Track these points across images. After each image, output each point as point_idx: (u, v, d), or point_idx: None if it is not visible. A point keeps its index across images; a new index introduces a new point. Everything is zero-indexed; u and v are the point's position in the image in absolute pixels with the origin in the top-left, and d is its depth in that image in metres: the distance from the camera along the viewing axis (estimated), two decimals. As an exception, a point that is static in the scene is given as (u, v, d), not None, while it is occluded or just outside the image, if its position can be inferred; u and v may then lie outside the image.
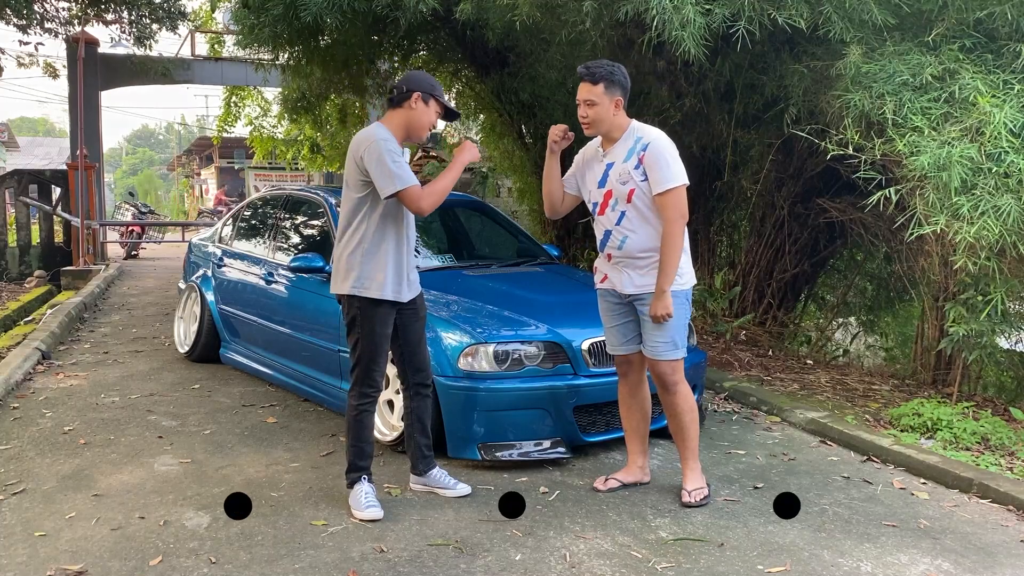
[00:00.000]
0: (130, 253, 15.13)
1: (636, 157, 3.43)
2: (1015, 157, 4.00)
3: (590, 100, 3.45)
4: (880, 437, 4.36)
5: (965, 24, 4.45)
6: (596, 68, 3.47)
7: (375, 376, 3.40)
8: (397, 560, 2.96)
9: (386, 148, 3.26)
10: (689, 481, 3.60)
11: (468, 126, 12.32)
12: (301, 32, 7.34)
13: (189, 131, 47.01)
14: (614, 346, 3.68)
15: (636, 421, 3.73)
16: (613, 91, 3.44)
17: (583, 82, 3.47)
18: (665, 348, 3.48)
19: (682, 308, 3.48)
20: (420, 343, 3.56)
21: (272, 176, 26.73)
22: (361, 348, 3.37)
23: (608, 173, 3.51)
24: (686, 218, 3.43)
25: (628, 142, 3.48)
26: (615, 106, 3.45)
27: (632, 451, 3.77)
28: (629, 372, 3.69)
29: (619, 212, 3.49)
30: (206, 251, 6.35)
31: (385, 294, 3.34)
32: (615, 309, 3.63)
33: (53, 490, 3.59)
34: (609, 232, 3.54)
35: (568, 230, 9.00)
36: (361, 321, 3.35)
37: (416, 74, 3.49)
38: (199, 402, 5.03)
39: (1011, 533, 3.36)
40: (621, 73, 3.47)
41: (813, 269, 7.16)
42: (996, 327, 4.43)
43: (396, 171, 3.24)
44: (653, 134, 3.47)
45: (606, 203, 3.53)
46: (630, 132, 3.50)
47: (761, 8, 4.48)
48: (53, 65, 13.25)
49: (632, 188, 3.43)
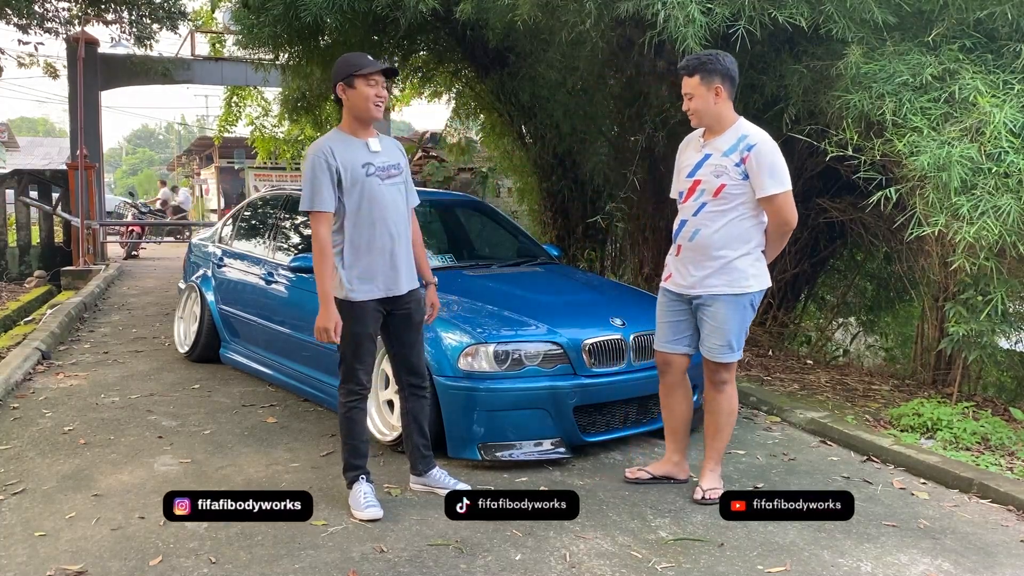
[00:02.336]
0: (130, 253, 15.13)
1: (739, 155, 3.39)
2: (1015, 157, 4.00)
3: (688, 93, 3.46)
4: (880, 437, 4.36)
5: (965, 24, 4.45)
6: (690, 60, 3.47)
7: (359, 374, 3.39)
8: (397, 560, 2.96)
9: (310, 165, 3.26)
10: (707, 480, 3.60)
11: (468, 126, 12.31)
12: (301, 32, 7.34)
13: (189, 131, 47.03)
14: (660, 342, 3.68)
15: (675, 420, 3.74)
16: (711, 80, 3.40)
17: (682, 77, 3.48)
18: (721, 350, 3.48)
19: (744, 312, 3.47)
20: (414, 345, 3.51)
21: (272, 176, 26.70)
22: (342, 347, 3.37)
23: (703, 163, 3.48)
24: (791, 225, 3.43)
25: (731, 138, 3.44)
26: (715, 95, 3.41)
27: (670, 447, 3.78)
28: (667, 372, 3.69)
29: (700, 203, 3.47)
30: (206, 251, 6.34)
31: (349, 296, 3.32)
32: (672, 306, 3.62)
33: (53, 490, 3.59)
34: (685, 222, 3.53)
35: (568, 230, 9.00)
36: (342, 320, 3.33)
37: (336, 64, 3.38)
38: (199, 402, 5.03)
39: (1011, 533, 3.36)
40: (718, 61, 3.42)
41: (813, 269, 7.16)
42: (996, 327, 4.43)
43: (308, 191, 3.25)
44: (761, 136, 3.42)
45: (691, 192, 3.50)
46: (736, 128, 3.45)
47: (761, 7, 4.48)
48: (53, 65, 13.26)
49: (724, 183, 3.40)
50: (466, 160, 13.71)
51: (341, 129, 3.39)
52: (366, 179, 3.31)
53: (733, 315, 3.44)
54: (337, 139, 3.35)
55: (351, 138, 3.35)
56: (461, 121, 11.69)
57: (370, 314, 3.36)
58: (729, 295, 3.44)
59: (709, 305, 3.47)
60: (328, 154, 3.27)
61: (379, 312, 3.39)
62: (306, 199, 3.27)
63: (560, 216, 9.08)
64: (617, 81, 7.08)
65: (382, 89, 3.33)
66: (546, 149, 8.69)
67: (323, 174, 3.25)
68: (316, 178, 3.25)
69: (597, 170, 7.62)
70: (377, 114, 3.33)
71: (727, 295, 3.44)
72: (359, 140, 3.36)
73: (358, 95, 3.30)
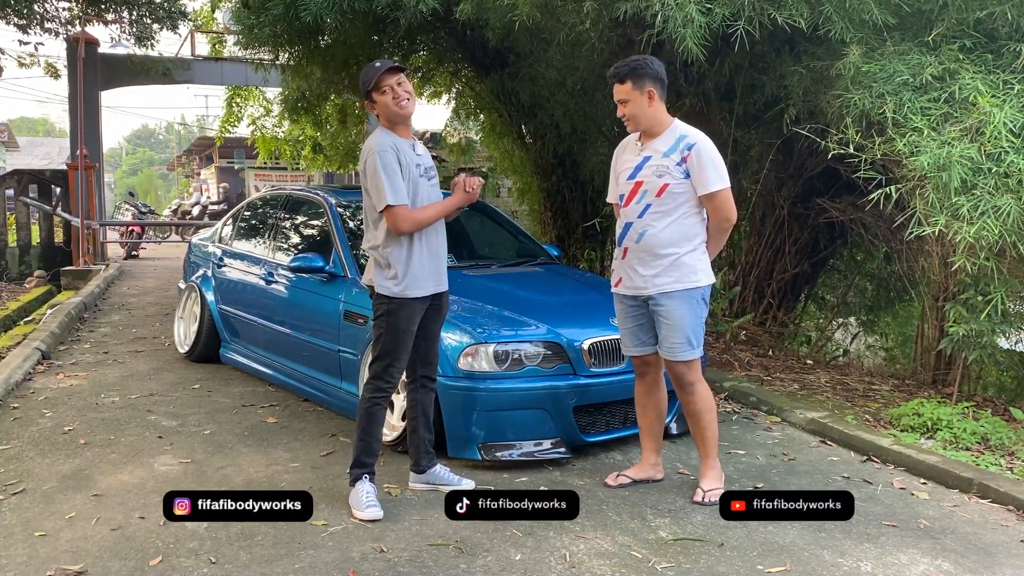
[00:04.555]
0: (130, 253, 15.13)
1: (679, 154, 3.43)
2: (1015, 157, 4.00)
3: (622, 99, 3.48)
4: (880, 437, 4.36)
5: (965, 24, 4.45)
6: (620, 66, 3.48)
7: (394, 372, 3.42)
8: (397, 560, 2.96)
9: (382, 161, 3.28)
10: (706, 480, 3.60)
11: (468, 126, 12.32)
12: (301, 32, 7.34)
13: (189, 131, 47.02)
14: (629, 348, 3.69)
15: (650, 420, 3.75)
16: (642, 84, 3.43)
17: (613, 84, 3.49)
18: (680, 348, 3.48)
19: (697, 307, 3.49)
20: (436, 338, 3.59)
21: (272, 176, 26.72)
22: (384, 343, 3.38)
23: (643, 165, 3.50)
24: (732, 220, 3.50)
25: (670, 139, 3.47)
26: (648, 98, 3.44)
27: (645, 448, 3.78)
28: (646, 372, 3.70)
29: (644, 205, 3.49)
30: (206, 251, 6.34)
31: (414, 292, 3.36)
32: (629, 311, 3.63)
33: (53, 490, 3.59)
34: (630, 224, 3.54)
35: (568, 230, 9.00)
36: (388, 317, 3.36)
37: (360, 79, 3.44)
38: (199, 402, 5.03)
39: (1011, 533, 3.36)
40: (648, 65, 3.45)
41: (813, 269, 7.16)
42: (996, 327, 4.43)
43: (388, 186, 3.27)
44: (699, 135, 3.48)
45: (633, 195, 3.53)
46: (673, 129, 3.50)
47: (761, 7, 4.48)
48: (54, 65, 13.24)
49: (667, 183, 3.43)
50: (466, 160, 13.72)
51: (388, 130, 3.42)
52: (419, 179, 3.40)
53: (687, 311, 3.47)
54: (393, 138, 3.39)
55: (399, 139, 3.40)
56: (461, 121, 11.71)
57: (418, 311, 3.41)
58: (680, 291, 3.46)
59: (662, 304, 3.48)
60: (396, 150, 3.33)
61: (424, 308, 3.43)
62: (387, 193, 3.27)
63: (560, 216, 9.09)
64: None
65: (397, 86, 3.38)
66: (546, 149, 8.69)
67: (396, 168, 3.30)
68: (393, 172, 3.29)
69: (597, 170, 7.62)
70: (408, 109, 3.41)
71: (678, 291, 3.46)
72: (406, 141, 3.43)
73: (382, 105, 3.39)
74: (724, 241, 3.64)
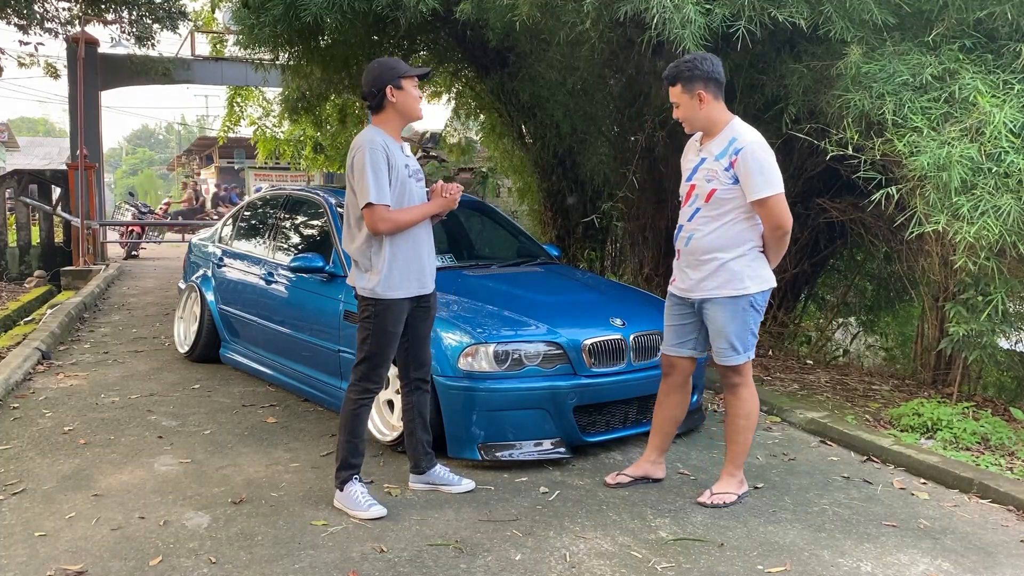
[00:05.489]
0: (130, 253, 15.13)
1: (728, 159, 3.34)
2: (1015, 157, 4.00)
3: (674, 102, 3.44)
4: (880, 437, 4.36)
5: (965, 24, 4.45)
6: (669, 69, 3.44)
7: (380, 373, 3.41)
8: (397, 560, 2.96)
9: (371, 158, 3.26)
10: (720, 484, 3.59)
11: (468, 126, 12.31)
12: (301, 32, 7.34)
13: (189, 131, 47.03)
14: (666, 345, 3.68)
15: (663, 418, 3.73)
16: (692, 86, 3.37)
17: (666, 87, 3.47)
18: (724, 353, 3.47)
19: (744, 314, 3.42)
20: (426, 339, 3.57)
21: (272, 176, 26.76)
22: (370, 345, 3.36)
23: (698, 167, 3.45)
24: (785, 228, 3.36)
25: (723, 141, 3.38)
26: (699, 100, 3.38)
27: (650, 444, 3.78)
28: (671, 373, 3.67)
29: (694, 208, 3.45)
30: (206, 251, 6.35)
31: (395, 293, 3.34)
32: (675, 309, 3.62)
33: (53, 490, 3.59)
34: (681, 227, 3.53)
35: (568, 230, 9.00)
36: (374, 319, 3.34)
37: (374, 69, 3.39)
38: (199, 402, 5.03)
39: (1011, 533, 3.36)
40: (696, 67, 3.37)
41: (813, 269, 7.15)
42: (996, 327, 4.43)
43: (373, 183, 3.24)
44: (749, 137, 3.35)
45: (688, 197, 3.50)
46: (728, 130, 3.39)
47: (761, 7, 4.48)
48: (54, 65, 13.25)
49: (714, 188, 3.37)
50: (466, 160, 13.72)
51: (381, 129, 3.38)
52: (407, 179, 3.38)
53: (731, 317, 3.42)
54: (384, 136, 3.36)
55: (390, 138, 3.38)
56: (461, 121, 11.69)
57: (403, 312, 3.39)
58: (724, 297, 3.41)
59: (707, 309, 3.47)
60: (386, 148, 3.31)
61: (409, 309, 3.42)
62: (371, 190, 3.24)
63: (560, 216, 9.08)
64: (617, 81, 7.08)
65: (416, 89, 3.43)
66: (546, 149, 8.69)
67: (384, 167, 3.28)
68: (380, 171, 3.27)
69: (597, 170, 7.62)
70: (422, 114, 3.44)
71: (722, 297, 3.42)
72: (396, 142, 3.41)
73: (408, 96, 3.37)
74: (783, 250, 3.45)
